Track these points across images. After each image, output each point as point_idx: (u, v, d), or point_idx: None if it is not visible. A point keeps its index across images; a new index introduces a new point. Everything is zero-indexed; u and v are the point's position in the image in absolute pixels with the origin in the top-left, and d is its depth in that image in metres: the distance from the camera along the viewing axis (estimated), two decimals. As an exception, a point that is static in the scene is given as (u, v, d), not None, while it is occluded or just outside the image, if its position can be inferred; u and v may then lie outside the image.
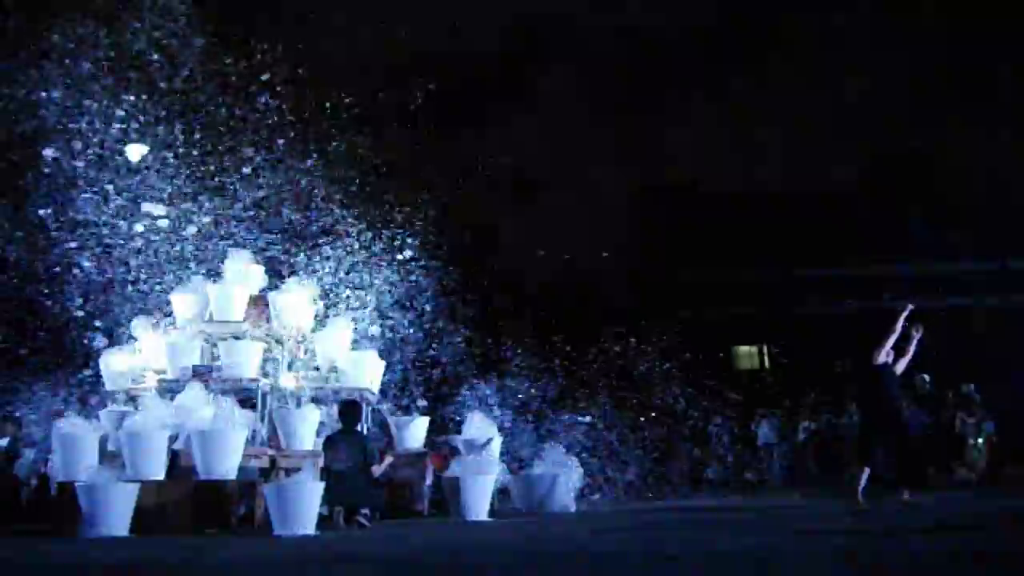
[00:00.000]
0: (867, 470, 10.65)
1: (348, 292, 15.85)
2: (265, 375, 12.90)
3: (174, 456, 11.28)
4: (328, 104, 16.57)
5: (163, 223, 15.01)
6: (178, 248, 15.03)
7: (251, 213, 15.85)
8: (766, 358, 41.16)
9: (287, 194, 15.88)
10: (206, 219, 15.40)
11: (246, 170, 15.94)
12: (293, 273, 15.00)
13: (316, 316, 14.13)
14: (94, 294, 15.63)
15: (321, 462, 11.43)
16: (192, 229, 15.20)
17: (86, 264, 15.36)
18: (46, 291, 16.08)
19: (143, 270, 14.98)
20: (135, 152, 15.22)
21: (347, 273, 15.87)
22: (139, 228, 15.08)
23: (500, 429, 13.99)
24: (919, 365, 20.37)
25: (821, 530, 7.90)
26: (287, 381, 13.11)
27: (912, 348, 11.35)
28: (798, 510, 11.27)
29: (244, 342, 12.77)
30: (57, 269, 15.69)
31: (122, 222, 15.13)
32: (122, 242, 15.19)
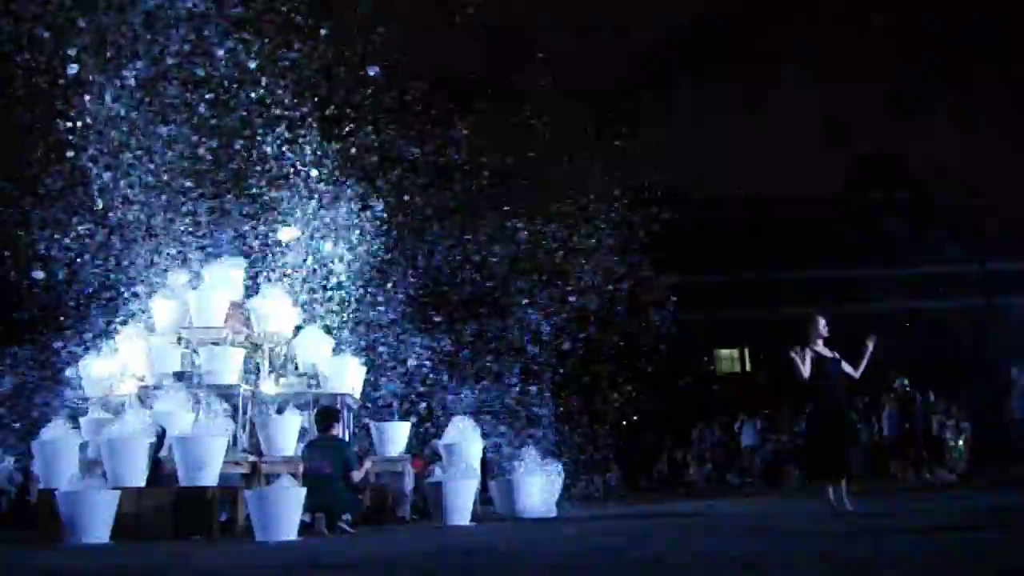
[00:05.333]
0: (843, 483, 10.62)
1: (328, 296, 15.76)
2: (246, 381, 12.86)
3: (155, 463, 11.23)
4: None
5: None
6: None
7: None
8: (747, 361, 41.33)
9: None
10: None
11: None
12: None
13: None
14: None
15: (301, 468, 11.42)
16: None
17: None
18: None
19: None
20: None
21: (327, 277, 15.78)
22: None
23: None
24: (898, 367, 20.58)
25: (805, 532, 7.93)
26: (268, 387, 13.07)
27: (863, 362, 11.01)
28: (781, 512, 11.31)
29: (225, 348, 12.73)
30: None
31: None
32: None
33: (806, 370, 10.46)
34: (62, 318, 16.00)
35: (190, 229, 15.02)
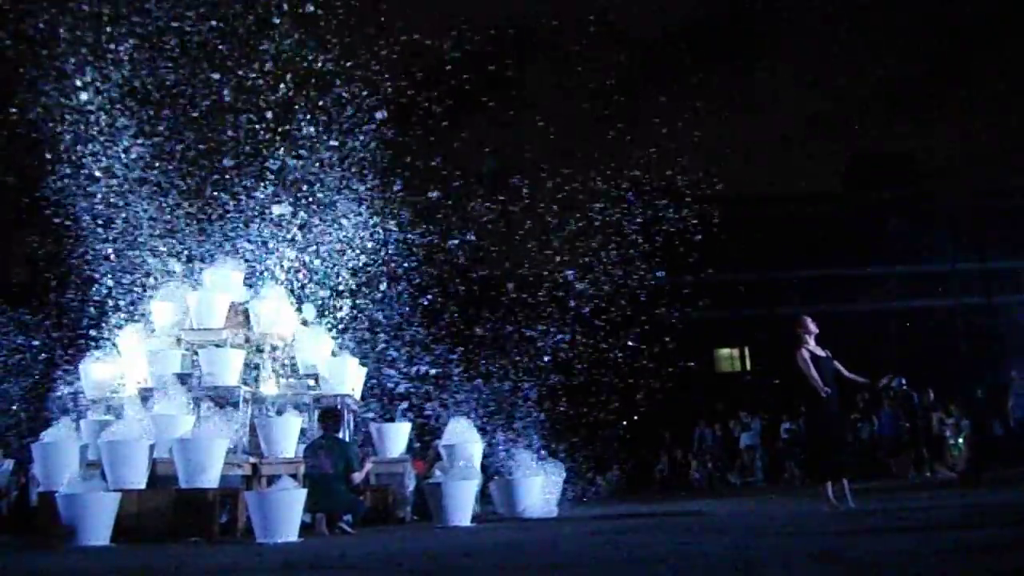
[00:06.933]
0: (844, 482, 10.67)
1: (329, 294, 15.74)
2: (246, 382, 12.86)
3: (155, 465, 11.23)
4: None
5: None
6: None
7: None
8: (747, 361, 41.35)
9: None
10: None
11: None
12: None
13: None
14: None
15: (302, 469, 11.42)
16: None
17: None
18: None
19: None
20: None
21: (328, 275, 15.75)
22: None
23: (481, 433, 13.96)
24: (899, 367, 20.58)
25: (805, 532, 7.93)
26: (268, 388, 13.07)
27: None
28: (781, 512, 11.30)
29: (225, 349, 12.73)
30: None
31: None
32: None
33: (813, 369, 10.53)
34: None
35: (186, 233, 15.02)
